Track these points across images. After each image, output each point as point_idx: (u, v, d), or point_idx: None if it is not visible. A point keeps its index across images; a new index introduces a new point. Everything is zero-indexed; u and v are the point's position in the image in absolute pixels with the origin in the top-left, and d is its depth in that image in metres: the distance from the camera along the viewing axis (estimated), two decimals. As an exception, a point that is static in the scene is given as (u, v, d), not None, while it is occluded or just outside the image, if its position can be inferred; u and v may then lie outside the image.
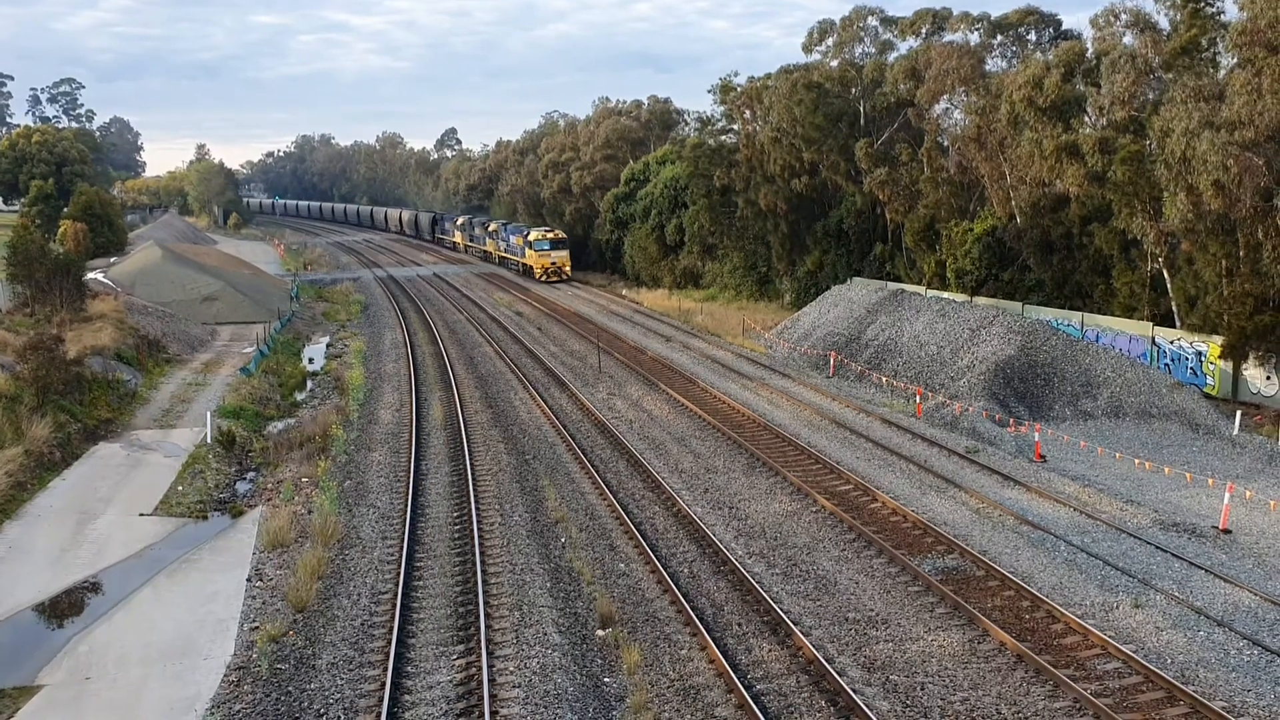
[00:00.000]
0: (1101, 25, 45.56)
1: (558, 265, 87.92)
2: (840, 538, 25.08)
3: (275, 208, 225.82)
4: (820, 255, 64.33)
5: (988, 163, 50.18)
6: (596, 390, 42.84)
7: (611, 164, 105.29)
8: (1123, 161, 39.26)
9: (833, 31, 64.83)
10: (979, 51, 53.68)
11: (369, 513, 27.97)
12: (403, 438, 35.80)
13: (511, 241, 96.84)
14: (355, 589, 22.79)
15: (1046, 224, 46.94)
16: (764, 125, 67.26)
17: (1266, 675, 17.72)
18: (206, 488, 31.22)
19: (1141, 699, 17.04)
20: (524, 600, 21.70)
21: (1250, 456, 32.48)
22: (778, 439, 34.07)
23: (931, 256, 54.10)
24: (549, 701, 17.45)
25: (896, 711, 17.07)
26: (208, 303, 64.95)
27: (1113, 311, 43.77)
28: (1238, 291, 36.41)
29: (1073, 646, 18.96)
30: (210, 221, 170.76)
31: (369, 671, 18.98)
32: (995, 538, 24.59)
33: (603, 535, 25.86)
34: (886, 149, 58.20)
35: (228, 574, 24.21)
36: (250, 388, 43.46)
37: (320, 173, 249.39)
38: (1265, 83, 33.28)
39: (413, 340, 57.50)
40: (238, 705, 17.99)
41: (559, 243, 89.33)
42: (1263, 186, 32.68)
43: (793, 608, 21.14)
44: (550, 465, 32.17)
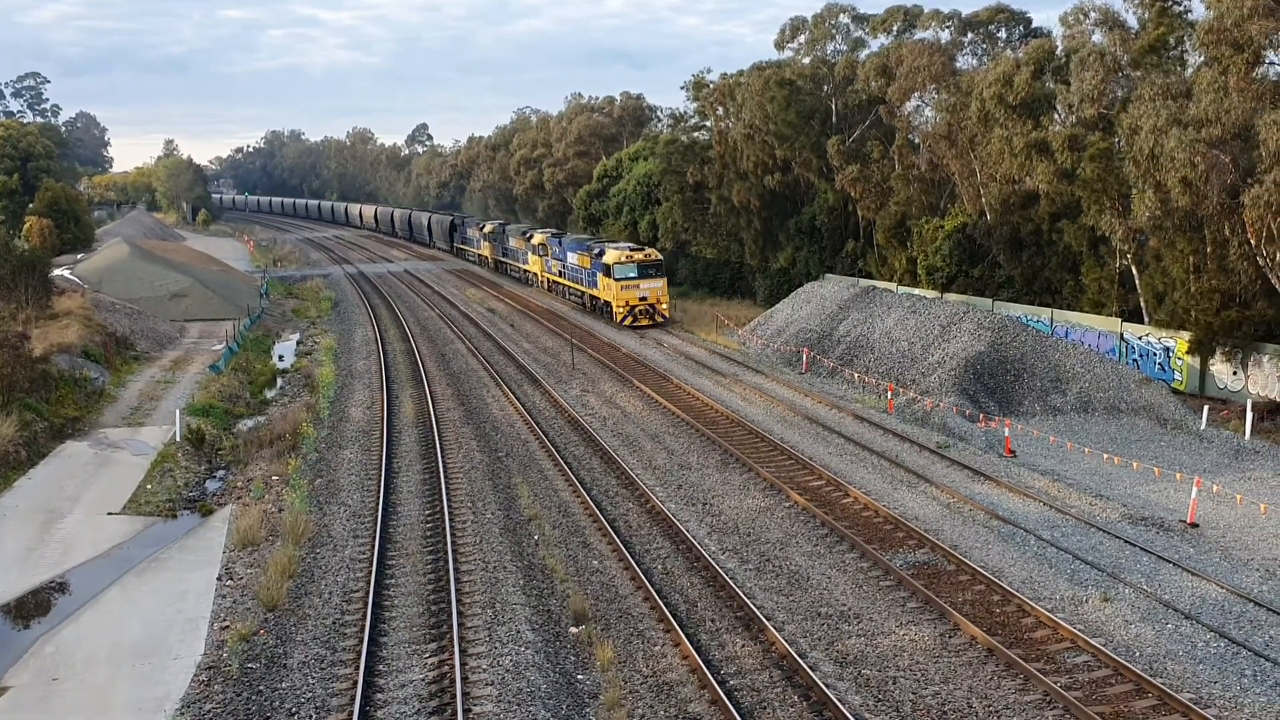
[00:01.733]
0: (1071, 23, 45.93)
1: (649, 303, 58.86)
2: (813, 533, 25.16)
3: (245, 204, 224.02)
4: (793, 252, 64.49)
5: (958, 160, 50.47)
6: (570, 387, 42.77)
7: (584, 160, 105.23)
8: (1092, 159, 39.57)
9: (805, 29, 64.99)
10: (950, 49, 53.99)
11: (340, 511, 27.81)
12: (374, 435, 35.61)
13: (571, 261, 68.18)
14: (327, 587, 22.66)
15: (1016, 221, 47.27)
16: (737, 122, 67.33)
17: (1232, 667, 17.92)
18: (176, 486, 30.96)
19: (1110, 692, 17.19)
20: (497, 598, 21.64)
21: (1217, 451, 32.83)
22: (751, 435, 34.14)
23: (903, 253, 54.36)
24: (522, 699, 17.42)
25: (869, 705, 17.14)
26: (176, 299, 64.39)
27: (1082, 308, 44.13)
28: (1205, 288, 36.80)
29: (1043, 640, 19.10)
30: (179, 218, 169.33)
31: (341, 670, 18.87)
32: (966, 532, 24.74)
33: (576, 532, 25.82)
34: (858, 146, 58.42)
35: (197, 573, 24.01)
36: (220, 385, 43.13)
37: (290, 169, 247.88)
38: (1231, 81, 33.64)
39: (384, 337, 57.22)
40: (208, 705, 17.84)
41: (651, 267, 59.15)
42: (1229, 183, 33.02)
43: (766, 603, 21.19)
44: (523, 462, 32.09)
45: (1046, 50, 46.42)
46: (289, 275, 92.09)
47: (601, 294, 61.58)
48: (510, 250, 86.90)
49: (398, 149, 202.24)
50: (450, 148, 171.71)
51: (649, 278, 58.61)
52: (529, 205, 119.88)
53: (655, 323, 58.35)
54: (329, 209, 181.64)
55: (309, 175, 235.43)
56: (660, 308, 58.70)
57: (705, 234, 73.03)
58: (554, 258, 72.44)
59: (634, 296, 58.39)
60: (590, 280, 63.45)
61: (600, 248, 61.97)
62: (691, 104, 76.65)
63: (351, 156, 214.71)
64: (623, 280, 58.13)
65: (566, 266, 69.00)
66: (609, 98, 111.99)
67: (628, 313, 58.30)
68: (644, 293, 58.38)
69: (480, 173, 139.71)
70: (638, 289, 58.34)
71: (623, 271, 58.19)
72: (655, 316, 58.48)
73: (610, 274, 58.68)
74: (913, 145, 56.30)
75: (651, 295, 58.61)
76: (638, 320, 58.16)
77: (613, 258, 58.66)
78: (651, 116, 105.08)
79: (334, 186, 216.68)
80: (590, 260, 62.87)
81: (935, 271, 50.63)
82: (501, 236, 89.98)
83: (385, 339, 56.69)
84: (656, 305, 58.73)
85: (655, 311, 58.56)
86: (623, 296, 58.28)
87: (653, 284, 58.70)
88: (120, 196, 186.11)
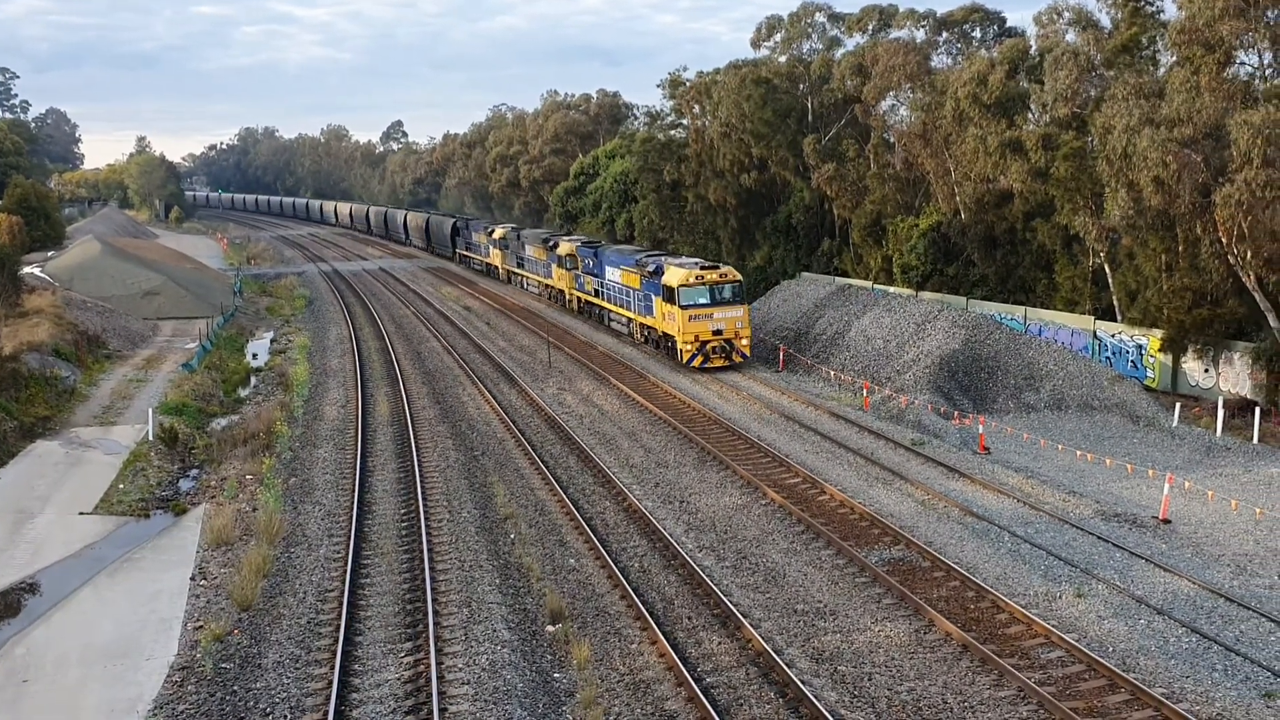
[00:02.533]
0: (1045, 23, 46.26)
1: (726, 338, 44.93)
2: (789, 530, 25.22)
3: (218, 201, 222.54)
4: (770, 250, 64.64)
5: (933, 159, 50.70)
6: (546, 385, 42.70)
7: (560, 158, 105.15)
8: (1065, 158, 39.83)
9: (780, 27, 65.14)
10: (924, 48, 54.26)
11: (315, 510, 27.66)
12: (348, 434, 35.44)
13: (612, 279, 54.21)
14: (301, 587, 22.52)
15: (990, 220, 47.54)
16: (713, 120, 67.42)
17: (1204, 662, 18.07)
18: (148, 485, 30.72)
19: (1084, 687, 17.31)
20: (473, 597, 21.57)
21: (1189, 448, 33.12)
22: (728, 433, 34.17)
23: (878, 252, 54.57)
24: (498, 698, 17.37)
25: (844, 702, 17.19)
26: (149, 298, 63.87)
27: (1055, 306, 44.43)
28: (1177, 286, 37.12)
29: (1017, 636, 19.21)
30: (151, 215, 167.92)
31: (316, 670, 18.76)
32: (941, 529, 24.85)
33: (552, 531, 25.78)
34: (834, 145, 58.59)
35: (171, 572, 23.82)
36: (193, 384, 42.81)
37: (264, 166, 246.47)
38: (1203, 80, 33.95)
39: (358, 335, 56.95)
40: (181, 706, 17.71)
41: (728, 289, 45.16)
42: (1201, 183, 33.31)
43: (742, 600, 21.22)
44: (499, 461, 32.01)
45: (1020, 50, 46.72)
46: (263, 273, 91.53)
47: (659, 324, 47.16)
48: (528, 260, 73.34)
49: (373, 146, 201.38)
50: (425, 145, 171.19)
51: (725, 304, 44.15)
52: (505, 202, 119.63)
53: (731, 361, 44.63)
54: (304, 206, 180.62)
55: (283, 172, 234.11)
56: (740, 344, 44.62)
57: (682, 232, 73.05)
58: (587, 273, 59.08)
59: (705, 330, 44.05)
60: (642, 305, 49.66)
61: (655, 263, 48.11)
62: (668, 102, 76.81)
63: (326, 154, 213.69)
64: (691, 308, 44.03)
65: (606, 285, 55.57)
66: (585, 95, 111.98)
67: (696, 350, 44.17)
68: (719, 324, 43.98)
69: (456, 170, 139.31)
70: (710, 319, 43.92)
71: (691, 296, 43.99)
72: (733, 355, 44.57)
73: (674, 299, 44.51)
74: (888, 144, 56.54)
75: (729, 327, 44.13)
76: (709, 360, 44.06)
77: (677, 278, 44.52)
78: (628, 114, 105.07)
79: (308, 184, 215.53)
80: (641, 279, 49.19)
81: (910, 270, 50.85)
82: (515, 244, 76.98)
83: (360, 337, 56.42)
84: (735, 341, 44.50)
85: (734, 349, 44.53)
86: (691, 330, 43.99)
87: (730, 313, 44.32)
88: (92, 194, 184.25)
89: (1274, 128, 30.95)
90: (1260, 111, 31.41)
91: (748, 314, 45.41)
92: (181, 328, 58.69)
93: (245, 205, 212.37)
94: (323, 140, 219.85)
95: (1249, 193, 31.30)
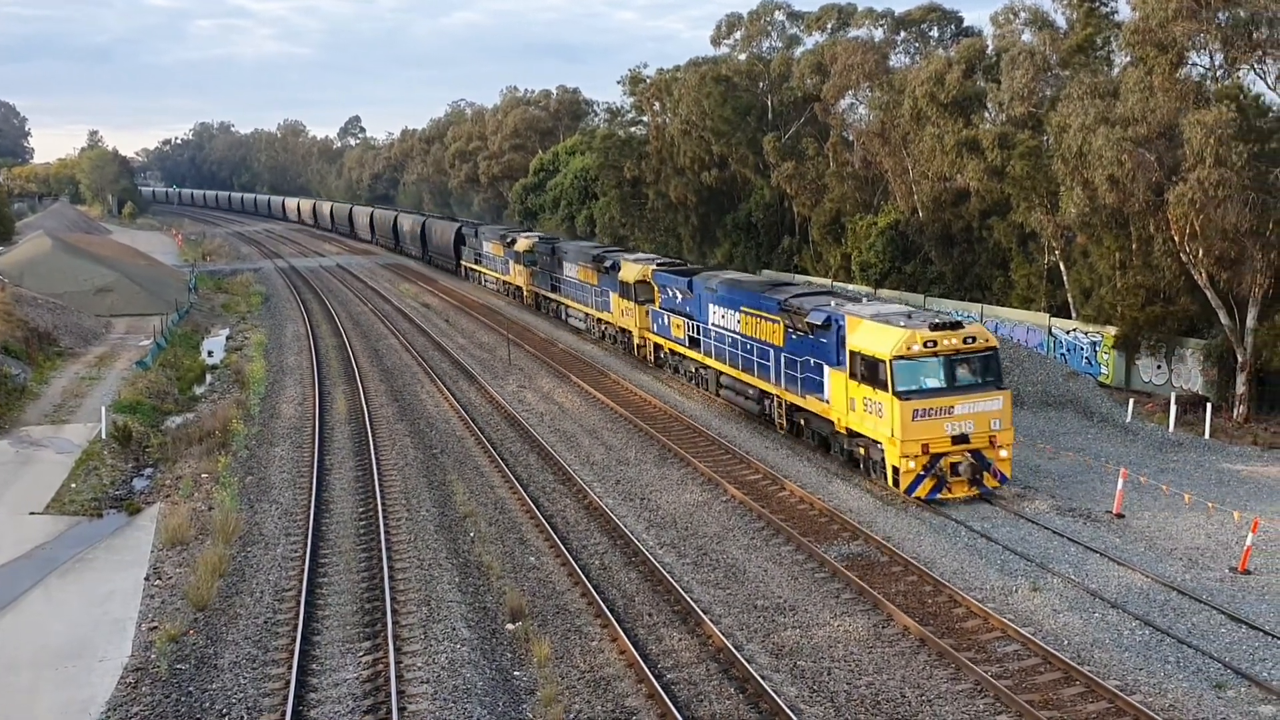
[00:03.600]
0: (1001, 23, 46.66)
1: (975, 448, 26.47)
2: (750, 526, 25.29)
3: (173, 197, 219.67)
4: (730, 247, 64.80)
5: (891, 157, 51.02)
6: (506, 383, 42.53)
7: (520, 154, 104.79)
8: (1021, 156, 40.20)
9: (740, 25, 65.30)
10: (883, 47, 54.60)
11: (271, 509, 27.39)
12: (306, 432, 35.12)
13: (722, 322, 36.72)
14: (258, 586, 22.29)
15: (947, 218, 47.93)
16: (674, 117, 67.47)
17: (1156, 654, 18.33)
18: (101, 485, 30.27)
19: (1040, 680, 17.50)
20: (432, 595, 21.45)
21: (1143, 443, 33.57)
22: (689, 430, 34.21)
23: (837, 249, 54.87)
24: (458, 696, 17.28)
25: (804, 696, 17.27)
26: (102, 294, 62.96)
27: (1011, 303, 44.87)
28: (1130, 284, 37.59)
29: (974, 630, 19.39)
30: (104, 211, 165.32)
31: (273, 670, 18.57)
32: (899, 524, 25.01)
33: (512, 529, 25.69)
34: (794, 143, 58.81)
35: (124, 573, 23.48)
36: (147, 382, 42.23)
37: (220, 161, 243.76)
38: (1156, 80, 34.35)
39: (315, 333, 56.45)
40: (135, 707, 17.47)
41: (980, 362, 26.97)
42: (1154, 181, 33.73)
43: (703, 596, 21.25)
44: (459, 459, 31.84)
45: (977, 49, 47.11)
46: (218, 270, 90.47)
47: (840, 414, 28.92)
48: (570, 283, 55.03)
49: (330, 141, 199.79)
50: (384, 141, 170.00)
51: (976, 389, 26.71)
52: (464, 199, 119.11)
53: (979, 483, 26.81)
54: (265, 203, 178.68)
55: (239, 168, 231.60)
56: (999, 457, 26.85)
57: (643, 229, 73.05)
58: (672, 309, 41.18)
59: (938, 434, 26.25)
60: (795, 375, 31.15)
61: (823, 307, 30.28)
62: (628, 99, 76.68)
63: (283, 149, 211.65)
64: (917, 397, 26.15)
65: (709, 331, 37.34)
66: (545, 91, 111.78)
67: (927, 468, 26.35)
68: (962, 424, 26.40)
69: (414, 165, 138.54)
70: (950, 415, 26.32)
71: (917, 375, 26.36)
72: (986, 477, 26.81)
73: (876, 378, 26.77)
74: (847, 142, 56.84)
75: (980, 427, 26.54)
76: (945, 486, 26.53)
77: (889, 343, 26.55)
78: (588, 111, 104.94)
79: (265, 179, 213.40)
80: (789, 325, 31.65)
81: (869, 268, 51.17)
82: (549, 259, 58.21)
83: (317, 334, 55.92)
84: (989, 451, 26.75)
85: (987, 467, 26.73)
86: (919, 434, 26.16)
87: (984, 403, 26.61)
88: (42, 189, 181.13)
89: (1226, 128, 31.40)
90: (1212, 112, 31.86)
91: (1009, 403, 27.08)
92: (135, 325, 57.88)
93: (200, 201, 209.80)
94: (279, 135, 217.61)
95: (1201, 192, 31.71)
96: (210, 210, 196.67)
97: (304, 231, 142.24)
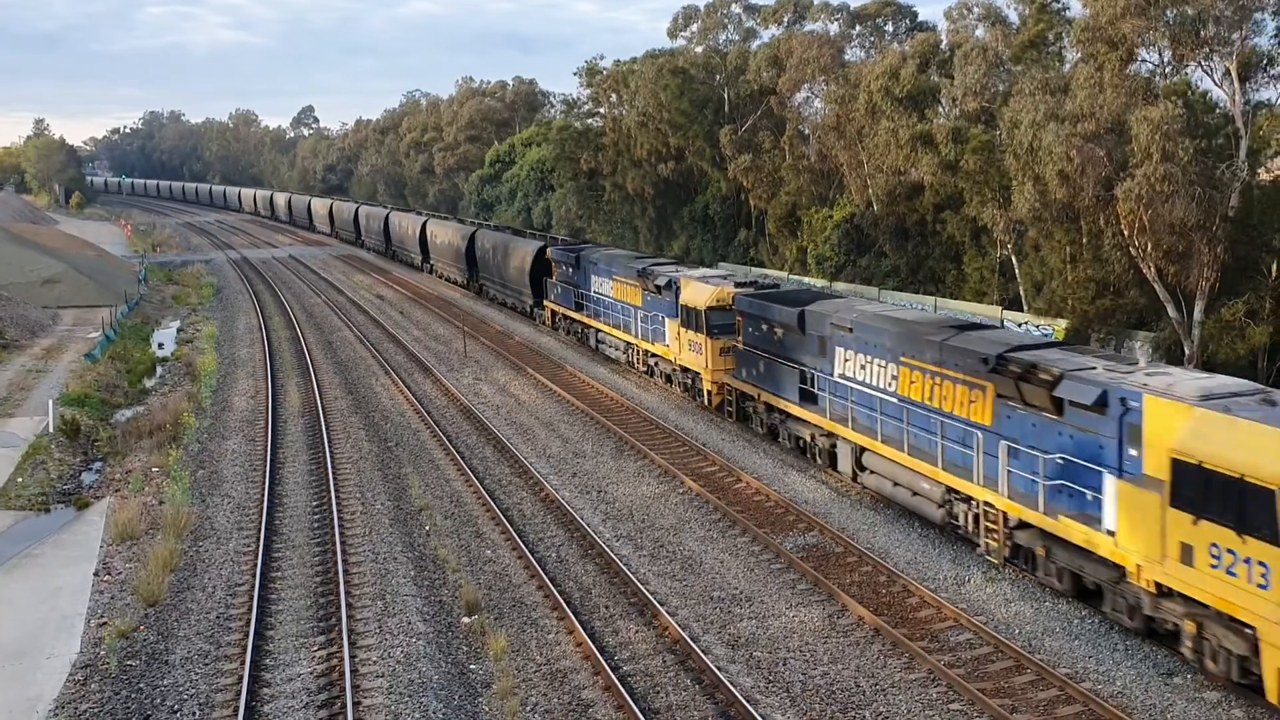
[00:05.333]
0: (955, 18, 47.10)
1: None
2: (706, 518, 25.37)
3: (122, 187, 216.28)
4: (687, 240, 64.91)
5: (846, 151, 51.30)
6: (462, 375, 42.33)
7: (476, 145, 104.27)
8: (974, 151, 40.58)
9: (697, 18, 65.44)
10: (839, 41, 54.88)
11: (224, 503, 27.09)
12: (259, 425, 34.75)
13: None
14: (210, 581, 22.06)
15: (902, 211, 48.30)
16: (630, 110, 67.43)
17: (1105, 642, 18.61)
18: (49, 479, 29.76)
19: (992, 669, 17.71)
20: (387, 589, 21.32)
21: (1091, 434, 34.00)
22: (645, 422, 34.23)
23: (793, 243, 55.13)
24: (413, 690, 17.21)
25: (760, 687, 17.36)
26: (49, 285, 61.92)
27: (964, 296, 45.29)
28: (1080, 277, 38.08)
29: (927, 619, 19.58)
30: (51, 200, 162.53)
31: (226, 665, 18.39)
32: (853, 515, 25.20)
33: (468, 522, 25.59)
34: (750, 136, 58.97)
35: (73, 568, 23.12)
36: (96, 374, 41.59)
37: (170, 151, 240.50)
38: (1106, 77, 34.79)
39: (268, 325, 55.84)
40: (84, 705, 17.22)
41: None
42: (1103, 176, 34.18)
43: (659, 588, 21.30)
44: (414, 452, 31.66)
45: (931, 44, 47.50)
46: (169, 261, 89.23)
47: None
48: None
49: (283, 132, 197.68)
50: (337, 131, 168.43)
51: None
52: (419, 190, 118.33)
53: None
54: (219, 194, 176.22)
55: (189, 158, 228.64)
56: None
57: (600, 221, 72.99)
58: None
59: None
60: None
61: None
62: (585, 90, 76.55)
63: (234, 139, 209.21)
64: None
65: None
66: (500, 82, 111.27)
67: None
68: None
69: (368, 156, 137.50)
70: None
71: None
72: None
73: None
74: (803, 136, 57.09)
75: None
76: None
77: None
78: (545, 102, 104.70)
79: (216, 170, 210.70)
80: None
81: (825, 261, 51.45)
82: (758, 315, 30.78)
83: (270, 326, 55.32)
84: None
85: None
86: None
87: None
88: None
89: (1173, 124, 31.88)
90: (1160, 108, 32.32)
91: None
92: (83, 316, 56.96)
93: (150, 191, 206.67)
94: (231, 125, 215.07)
95: (1149, 187, 32.18)
96: (160, 201, 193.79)
97: (254, 222, 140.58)
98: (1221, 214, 32.73)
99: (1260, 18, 33.79)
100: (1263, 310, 32.68)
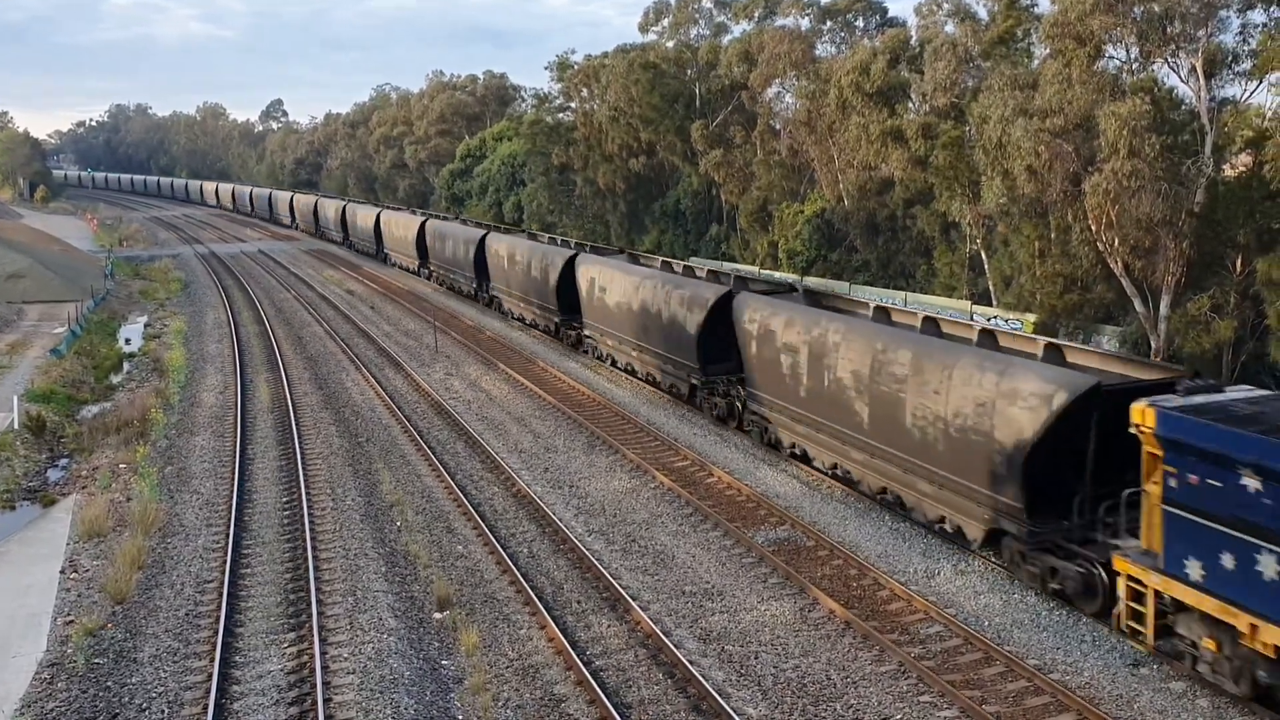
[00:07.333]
0: (925, 14, 47.33)
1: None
2: (678, 513, 25.40)
3: (87, 181, 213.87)
4: (659, 235, 64.92)
5: (817, 146, 51.47)
6: (433, 370, 42.17)
7: (447, 139, 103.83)
8: (944, 146, 40.82)
9: (668, 12, 65.42)
10: (810, 37, 55.03)
11: (192, 499, 26.87)
12: (227, 421, 34.49)
13: None
14: (179, 578, 21.88)
15: (872, 206, 48.52)
16: (602, 104, 67.34)
17: (1073, 634, 18.79)
18: (14, 476, 29.43)
19: (961, 660, 17.85)
20: (358, 585, 21.22)
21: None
22: (618, 417, 34.23)
23: (765, 237, 55.25)
24: (385, 686, 17.14)
25: (732, 680, 17.42)
26: (13, 281, 61.18)
27: (934, 291, 45.57)
28: (1049, 271, 38.37)
29: (897, 612, 19.70)
30: (15, 194, 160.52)
31: (195, 663, 18.24)
32: (824, 509, 25.31)
33: (440, 518, 25.50)
34: (722, 131, 59.05)
35: (39, 566, 22.87)
36: (61, 370, 41.13)
37: (136, 144, 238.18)
38: (1074, 73, 35.05)
39: (237, 320, 55.41)
40: (51, 703, 17.04)
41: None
42: (1071, 172, 34.45)
43: (631, 583, 21.31)
44: (385, 448, 31.51)
45: (902, 40, 47.70)
46: (136, 255, 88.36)
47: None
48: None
49: (251, 125, 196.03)
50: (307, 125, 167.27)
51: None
52: (389, 184, 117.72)
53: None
54: (184, 188, 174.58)
55: (157, 151, 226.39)
56: None
57: (571, 216, 72.88)
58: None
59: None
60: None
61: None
62: (556, 85, 76.38)
63: (202, 132, 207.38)
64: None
65: None
66: (472, 76, 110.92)
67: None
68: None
69: (339, 150, 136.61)
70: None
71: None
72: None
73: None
74: (774, 131, 57.24)
75: None
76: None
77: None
78: (516, 96, 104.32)
79: (183, 163, 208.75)
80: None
81: (796, 255, 51.61)
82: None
83: (239, 321, 54.90)
84: None
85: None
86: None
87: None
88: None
89: (1140, 120, 32.17)
90: (1127, 104, 32.60)
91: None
92: (49, 312, 56.32)
93: (116, 185, 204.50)
94: (199, 119, 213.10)
95: (1116, 182, 32.46)
96: (127, 194, 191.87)
97: (222, 216, 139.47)
98: (1187, 209, 33.07)
99: (1225, 15, 34.17)
100: (1228, 305, 33.04)
